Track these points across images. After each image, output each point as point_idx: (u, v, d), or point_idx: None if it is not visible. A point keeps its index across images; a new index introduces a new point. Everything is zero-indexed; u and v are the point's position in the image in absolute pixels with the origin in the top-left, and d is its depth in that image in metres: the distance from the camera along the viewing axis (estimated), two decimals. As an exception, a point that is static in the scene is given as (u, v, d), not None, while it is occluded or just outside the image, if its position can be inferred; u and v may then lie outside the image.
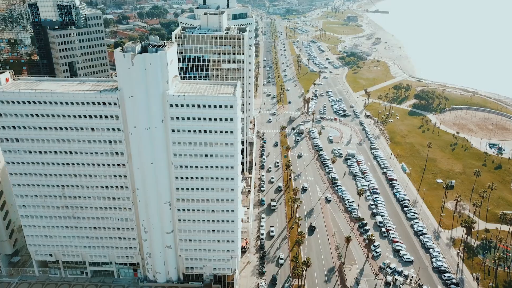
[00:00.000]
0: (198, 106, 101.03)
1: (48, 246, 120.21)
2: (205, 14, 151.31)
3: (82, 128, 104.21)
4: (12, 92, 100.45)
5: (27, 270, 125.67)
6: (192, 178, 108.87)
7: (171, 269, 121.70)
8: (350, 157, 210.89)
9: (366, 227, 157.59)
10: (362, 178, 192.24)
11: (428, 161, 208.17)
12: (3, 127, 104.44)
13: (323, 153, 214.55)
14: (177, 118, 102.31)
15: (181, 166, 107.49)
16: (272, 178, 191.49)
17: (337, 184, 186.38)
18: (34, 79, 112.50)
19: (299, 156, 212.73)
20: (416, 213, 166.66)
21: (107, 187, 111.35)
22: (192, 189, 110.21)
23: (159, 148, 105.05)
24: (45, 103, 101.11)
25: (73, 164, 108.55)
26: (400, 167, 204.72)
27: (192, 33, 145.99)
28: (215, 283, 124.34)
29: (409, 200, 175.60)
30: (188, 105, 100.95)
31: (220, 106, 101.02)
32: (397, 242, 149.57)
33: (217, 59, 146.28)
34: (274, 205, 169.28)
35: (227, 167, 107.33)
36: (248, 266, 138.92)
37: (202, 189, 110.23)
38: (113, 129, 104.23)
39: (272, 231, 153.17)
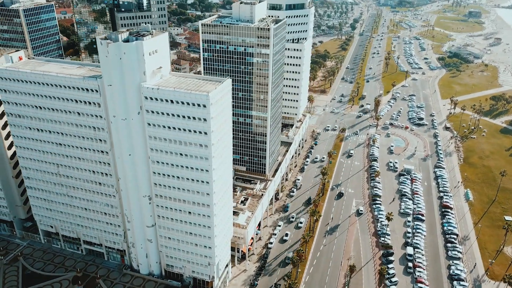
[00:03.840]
0: (172, 101, 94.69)
1: (49, 218, 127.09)
2: (241, 3, 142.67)
3: (70, 112, 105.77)
4: (12, 71, 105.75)
5: (36, 236, 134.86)
6: (168, 175, 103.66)
7: (153, 263, 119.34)
8: (405, 173, 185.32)
9: (391, 258, 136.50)
10: (410, 199, 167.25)
11: (501, 191, 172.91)
12: (8, 103, 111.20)
13: (375, 164, 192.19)
14: (152, 112, 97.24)
15: (157, 162, 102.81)
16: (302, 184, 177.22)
17: (377, 201, 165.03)
18: (44, 59, 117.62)
19: (348, 160, 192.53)
20: (460, 252, 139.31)
21: (93, 171, 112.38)
22: (169, 187, 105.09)
23: (136, 140, 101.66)
24: (39, 83, 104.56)
25: (64, 145, 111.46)
26: (464, 194, 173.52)
27: (221, 22, 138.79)
28: (194, 287, 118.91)
29: (457, 235, 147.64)
30: (162, 100, 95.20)
31: (193, 104, 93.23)
32: (421, 282, 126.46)
33: (241, 52, 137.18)
34: (294, 216, 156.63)
35: (202, 170, 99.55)
36: (242, 274, 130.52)
37: (179, 188, 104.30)
38: (96, 116, 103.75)
39: (286, 236, 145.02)
